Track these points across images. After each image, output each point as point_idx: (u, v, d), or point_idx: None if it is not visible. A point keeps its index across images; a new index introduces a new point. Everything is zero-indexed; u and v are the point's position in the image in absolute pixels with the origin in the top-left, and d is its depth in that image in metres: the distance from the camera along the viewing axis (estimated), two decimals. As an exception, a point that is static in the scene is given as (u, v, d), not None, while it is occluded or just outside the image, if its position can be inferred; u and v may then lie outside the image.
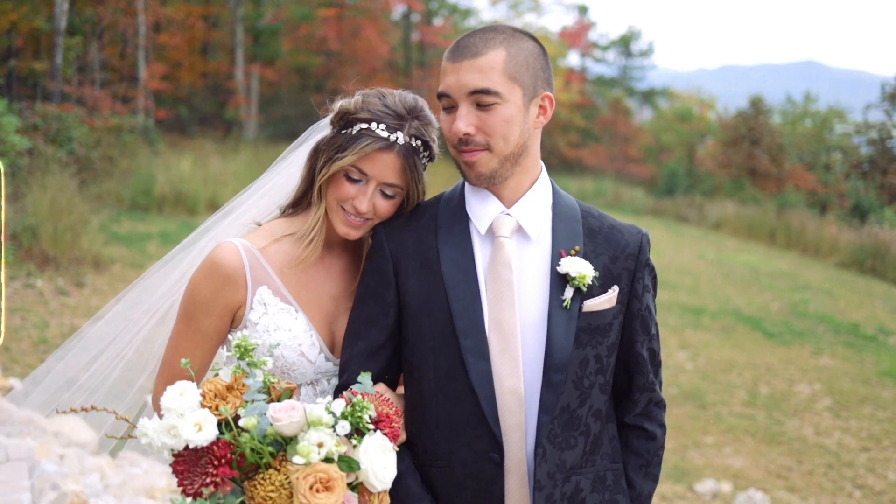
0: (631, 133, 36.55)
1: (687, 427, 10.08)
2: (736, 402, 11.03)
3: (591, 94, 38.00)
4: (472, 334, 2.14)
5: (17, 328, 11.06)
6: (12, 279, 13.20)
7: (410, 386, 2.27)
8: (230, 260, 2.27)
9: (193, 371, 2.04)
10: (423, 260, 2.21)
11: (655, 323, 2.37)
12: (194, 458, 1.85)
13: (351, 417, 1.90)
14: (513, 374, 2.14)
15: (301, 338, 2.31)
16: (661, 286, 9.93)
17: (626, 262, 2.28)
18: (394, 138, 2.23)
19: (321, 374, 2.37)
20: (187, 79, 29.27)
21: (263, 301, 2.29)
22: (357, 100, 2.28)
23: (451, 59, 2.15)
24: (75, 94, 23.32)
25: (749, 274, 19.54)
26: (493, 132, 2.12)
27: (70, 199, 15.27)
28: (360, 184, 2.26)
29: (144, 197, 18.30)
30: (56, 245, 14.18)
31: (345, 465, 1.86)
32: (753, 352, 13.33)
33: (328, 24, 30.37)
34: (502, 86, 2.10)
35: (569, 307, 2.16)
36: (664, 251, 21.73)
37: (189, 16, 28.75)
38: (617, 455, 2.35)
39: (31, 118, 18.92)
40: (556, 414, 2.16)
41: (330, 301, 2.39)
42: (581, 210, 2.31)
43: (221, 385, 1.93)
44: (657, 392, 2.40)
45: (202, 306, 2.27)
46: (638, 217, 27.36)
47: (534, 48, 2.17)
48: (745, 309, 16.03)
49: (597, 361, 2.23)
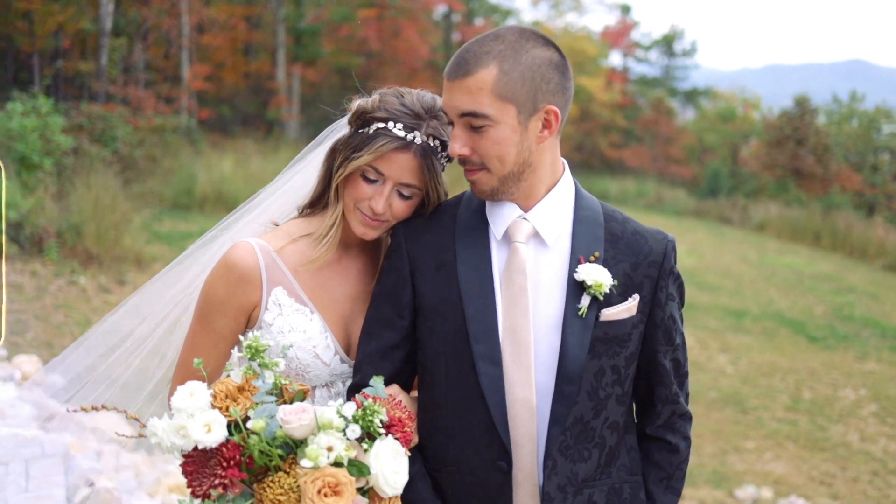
0: (673, 133, 36.17)
1: (727, 432, 9.93)
2: (778, 406, 10.85)
3: (633, 95, 37.70)
4: (484, 340, 2.08)
5: (59, 325, 11.23)
6: (56, 276, 13.41)
7: (423, 389, 2.23)
8: (246, 260, 2.25)
9: (206, 371, 2.02)
10: (440, 262, 2.17)
11: (681, 333, 2.27)
12: (203, 460, 1.83)
13: (362, 421, 1.86)
14: (524, 382, 2.09)
15: (316, 339, 2.28)
16: (702, 288, 9.83)
17: (649, 269, 2.19)
18: (411, 138, 2.19)
19: (336, 376, 2.34)
20: (230, 79, 29.55)
21: (278, 302, 2.27)
22: (374, 99, 2.25)
23: (446, 76, 2.09)
24: (120, 94, 23.66)
25: (793, 276, 19.24)
26: (486, 154, 2.06)
27: (113, 197, 15.48)
28: (376, 184, 2.22)
29: (186, 196, 18.50)
30: (99, 243, 14.38)
31: (355, 469, 1.83)
32: (796, 356, 13.10)
33: (369, 24, 30.46)
34: (491, 107, 2.01)
35: (585, 315, 2.09)
36: (706, 253, 21.48)
37: (232, 17, 29.03)
38: (636, 467, 2.28)
39: (76, 118, 19.23)
40: (568, 425, 2.09)
41: (346, 302, 2.36)
42: (604, 214, 2.23)
43: (233, 386, 1.91)
44: (681, 404, 2.30)
45: (217, 306, 2.25)
46: (679, 218, 27.10)
47: (539, 57, 2.05)
48: (788, 312, 15.79)
49: (614, 372, 2.15)
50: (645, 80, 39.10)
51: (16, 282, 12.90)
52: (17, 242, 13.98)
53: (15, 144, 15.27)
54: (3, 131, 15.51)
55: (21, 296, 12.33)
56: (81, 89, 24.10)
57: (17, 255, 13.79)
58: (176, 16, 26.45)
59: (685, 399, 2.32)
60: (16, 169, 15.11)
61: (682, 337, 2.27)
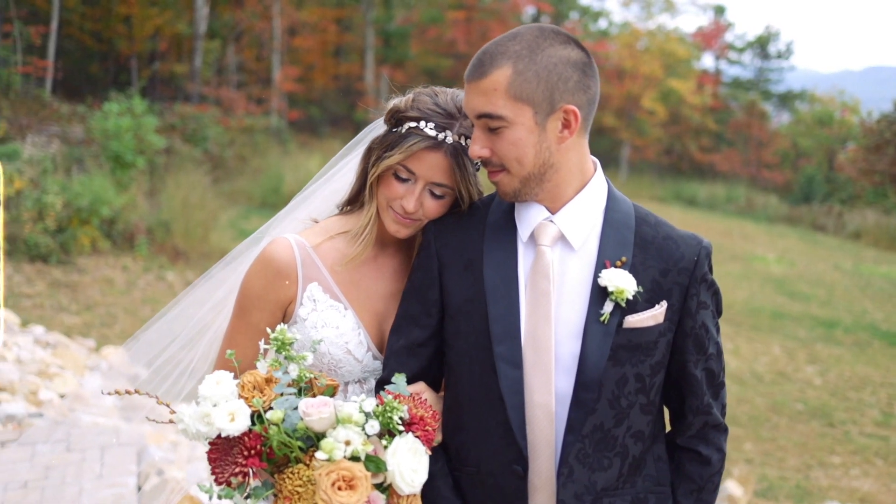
0: (766, 137, 35.31)
1: (812, 445, 9.61)
2: (867, 421, 10.45)
3: (725, 98, 36.92)
4: (505, 341, 2.06)
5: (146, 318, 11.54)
6: (146, 272, 13.84)
7: (448, 388, 2.23)
8: (282, 255, 2.28)
9: (238, 363, 2.05)
10: (467, 261, 2.16)
11: (716, 342, 2.19)
12: (227, 448, 1.86)
13: (381, 417, 1.87)
14: (544, 387, 2.05)
15: (348, 335, 2.30)
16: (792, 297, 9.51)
17: (679, 276, 2.12)
18: (441, 137, 2.19)
19: (369, 373, 2.36)
20: (319, 81, 30.08)
21: (313, 297, 2.30)
22: (408, 98, 2.26)
23: (465, 78, 2.07)
24: (213, 95, 24.30)
25: (889, 287, 18.54)
26: (504, 156, 2.04)
27: (202, 196, 15.89)
28: (408, 183, 2.23)
29: (273, 195, 18.89)
30: (187, 240, 14.78)
31: (372, 465, 1.84)
32: (890, 369, 12.61)
33: (457, 26, 30.60)
34: (506, 108, 1.99)
35: (607, 322, 2.04)
36: (797, 261, 20.89)
37: (322, 19, 29.55)
38: (663, 477, 2.21)
39: (169, 118, 19.83)
40: (586, 433, 2.05)
41: (381, 300, 2.37)
42: (636, 217, 2.16)
43: (261, 377, 1.94)
44: (714, 415, 2.22)
45: (254, 300, 2.29)
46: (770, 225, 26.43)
47: (557, 56, 2.00)
48: (883, 324, 15.21)
49: (637, 380, 2.09)
50: (738, 82, 38.29)
51: (107, 276, 13.37)
52: (110, 238, 14.49)
53: (110, 143, 15.85)
54: (100, 131, 16.12)
55: (112, 289, 12.77)
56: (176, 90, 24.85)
57: (110, 251, 14.29)
58: (268, 19, 27.04)
59: (720, 410, 2.25)
60: (110, 167, 15.66)
61: (716, 346, 2.19)
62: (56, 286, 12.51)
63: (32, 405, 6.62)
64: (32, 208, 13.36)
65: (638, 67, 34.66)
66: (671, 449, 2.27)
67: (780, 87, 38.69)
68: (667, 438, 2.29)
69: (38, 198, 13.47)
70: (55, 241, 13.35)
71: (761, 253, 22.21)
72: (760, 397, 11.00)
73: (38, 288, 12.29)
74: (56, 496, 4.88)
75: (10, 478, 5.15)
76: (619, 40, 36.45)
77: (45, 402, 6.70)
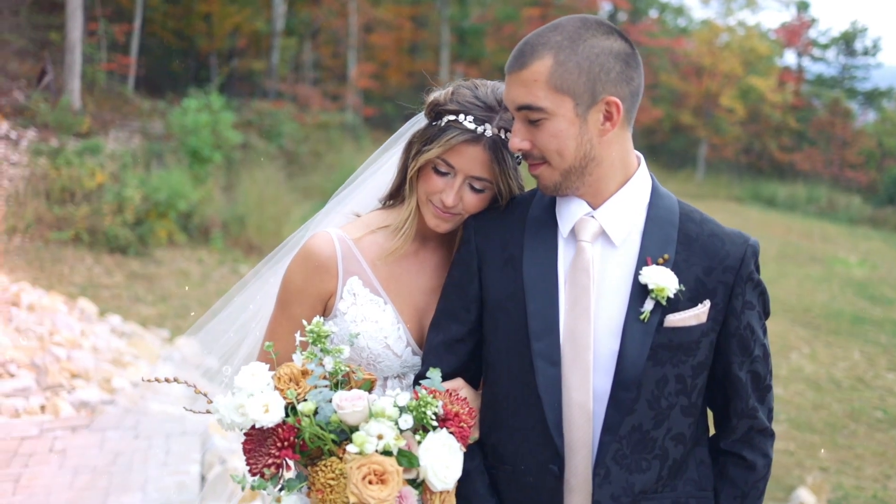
0: (850, 136, 34.25)
1: (891, 455, 9.29)
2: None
3: (808, 95, 35.95)
4: (544, 338, 2.01)
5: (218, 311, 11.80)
6: (220, 265, 14.11)
7: (486, 385, 2.19)
8: (323, 249, 2.28)
9: (276, 355, 2.06)
10: (507, 256, 2.12)
11: (762, 344, 2.11)
12: (261, 439, 1.86)
13: (415, 412, 1.86)
14: (582, 386, 2.00)
15: (387, 330, 2.29)
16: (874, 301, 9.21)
17: (724, 274, 2.05)
18: (481, 130, 2.16)
19: (408, 368, 2.34)
20: (394, 78, 30.25)
21: (353, 291, 2.29)
22: (448, 91, 2.25)
23: (506, 69, 2.03)
24: (289, 91, 24.65)
25: (978, 292, 17.79)
26: (545, 148, 1.99)
27: (276, 191, 16.13)
28: (447, 177, 2.21)
29: (347, 191, 19.04)
30: (260, 234, 15.01)
31: (404, 459, 1.83)
32: (975, 378, 12.10)
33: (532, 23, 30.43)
34: (546, 100, 1.94)
35: (647, 320, 1.98)
36: (881, 264, 20.25)
37: (398, 16, 29.72)
38: (706, 482, 2.15)
39: (246, 114, 20.17)
40: (623, 434, 2.00)
41: (422, 295, 2.36)
42: (680, 214, 2.10)
43: (297, 370, 1.95)
44: (760, 419, 2.15)
45: (295, 294, 2.30)
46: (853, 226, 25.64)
47: (599, 46, 1.95)
48: (969, 330, 14.62)
49: (678, 381, 2.03)
50: (821, 79, 37.22)
51: (183, 268, 13.67)
52: (186, 231, 14.82)
53: (189, 139, 16.21)
54: (179, 126, 16.49)
55: (187, 281, 13.05)
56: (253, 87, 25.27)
57: (186, 243, 14.62)
58: (344, 16, 27.31)
59: (767, 414, 2.17)
60: (188, 162, 16.02)
61: (762, 349, 2.12)
62: (133, 277, 12.85)
63: (105, 392, 6.81)
64: (113, 201, 13.76)
65: (717, 64, 33.99)
66: (714, 453, 2.20)
67: (866, 84, 37.47)
68: (710, 442, 2.23)
69: (119, 191, 13.86)
70: (134, 234, 13.72)
71: (843, 255, 21.59)
72: (838, 403, 10.68)
73: (117, 279, 12.64)
74: (123, 482, 5.00)
75: (80, 462, 5.30)
76: (698, 37, 35.80)
77: (118, 390, 6.88)
